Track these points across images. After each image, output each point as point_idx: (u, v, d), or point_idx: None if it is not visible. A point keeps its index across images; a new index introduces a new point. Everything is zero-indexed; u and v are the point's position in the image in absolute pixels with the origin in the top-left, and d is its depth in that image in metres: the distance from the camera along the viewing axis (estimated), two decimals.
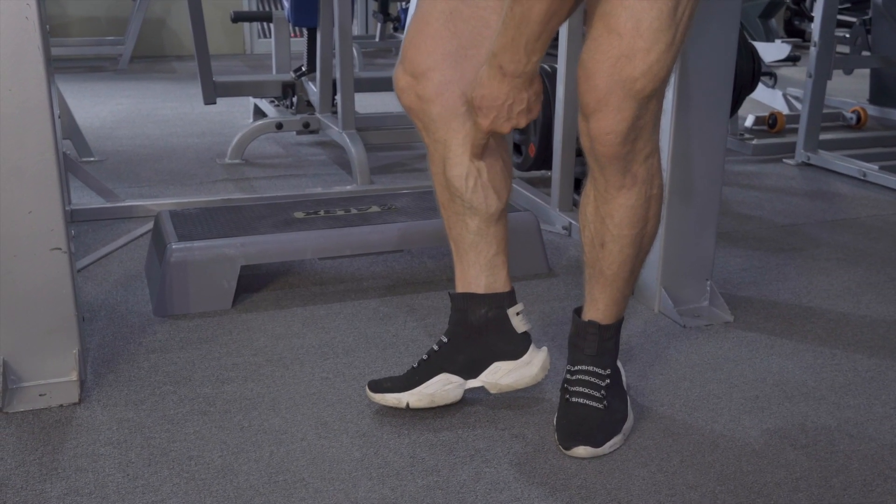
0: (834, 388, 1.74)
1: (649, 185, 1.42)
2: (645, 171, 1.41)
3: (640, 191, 1.42)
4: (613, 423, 1.52)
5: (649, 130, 1.38)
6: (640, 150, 1.38)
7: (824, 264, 2.45)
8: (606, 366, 1.55)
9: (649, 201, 1.44)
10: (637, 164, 1.39)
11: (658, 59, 1.29)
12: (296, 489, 1.40)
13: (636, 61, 1.29)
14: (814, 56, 3.50)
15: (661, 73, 1.31)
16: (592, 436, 1.49)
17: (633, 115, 1.32)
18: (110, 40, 6.32)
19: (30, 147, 1.55)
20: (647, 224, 1.47)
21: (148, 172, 3.36)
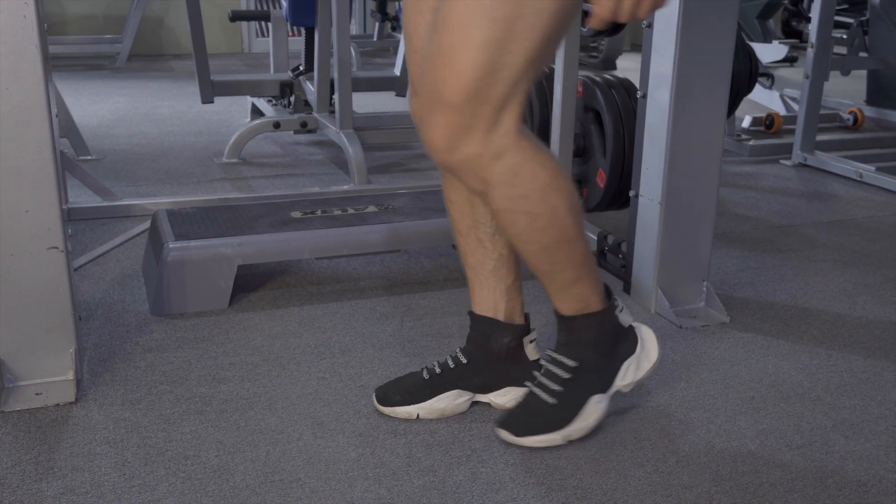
0: (829, 389, 1.74)
1: (513, 185, 1.31)
2: (499, 175, 1.30)
3: (504, 193, 1.32)
4: (549, 422, 1.51)
5: (482, 135, 1.27)
6: (479, 156, 1.28)
7: (821, 265, 2.46)
8: (576, 357, 1.51)
9: (525, 199, 1.33)
10: (483, 170, 1.30)
11: (466, 58, 1.21)
12: (292, 489, 1.40)
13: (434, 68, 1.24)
14: (811, 57, 3.50)
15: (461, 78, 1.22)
16: (519, 423, 1.52)
17: (450, 124, 1.26)
18: (108, 39, 6.31)
19: (27, 146, 1.55)
20: (537, 221, 1.36)
21: (145, 171, 3.36)
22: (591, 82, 2.62)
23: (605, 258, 2.38)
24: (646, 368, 1.57)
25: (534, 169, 1.32)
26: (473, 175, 1.31)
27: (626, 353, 1.56)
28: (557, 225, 1.37)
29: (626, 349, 1.56)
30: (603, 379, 1.55)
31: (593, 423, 1.53)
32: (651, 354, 1.57)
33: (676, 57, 1.94)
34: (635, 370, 1.56)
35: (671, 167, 2.01)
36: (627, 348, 1.56)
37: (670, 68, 1.96)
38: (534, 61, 1.25)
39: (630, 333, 1.57)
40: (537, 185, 1.33)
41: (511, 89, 1.25)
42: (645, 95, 2.06)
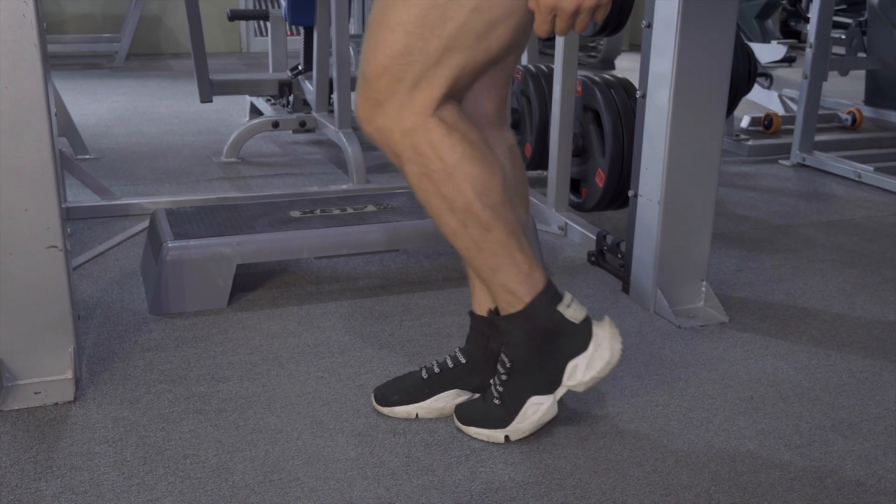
0: (828, 389, 1.75)
1: (419, 163, 1.38)
2: (407, 151, 1.38)
3: (412, 169, 1.39)
4: (491, 420, 1.53)
5: (392, 111, 1.36)
6: (390, 130, 1.38)
7: (819, 265, 2.46)
8: (510, 357, 1.51)
9: (429, 178, 1.38)
10: (394, 144, 1.39)
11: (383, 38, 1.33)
12: (291, 488, 1.40)
13: (364, 42, 1.37)
14: (809, 57, 3.50)
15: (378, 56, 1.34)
16: (469, 413, 1.56)
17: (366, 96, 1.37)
18: (107, 38, 6.31)
19: (26, 144, 1.55)
20: (445, 202, 1.39)
21: (144, 170, 3.35)
22: (591, 82, 2.62)
23: (604, 258, 2.38)
24: (598, 367, 1.48)
25: (440, 150, 1.36)
26: (387, 147, 1.41)
27: (574, 352, 1.49)
28: (464, 209, 1.39)
29: (573, 347, 1.49)
30: (543, 379, 1.50)
31: (532, 425, 1.52)
32: (605, 353, 1.48)
33: (676, 57, 1.94)
34: (584, 369, 1.49)
35: (670, 167, 2.01)
36: (576, 346, 1.48)
37: (670, 68, 1.96)
38: (453, 51, 1.32)
39: (581, 329, 1.48)
40: (441, 166, 1.37)
41: (424, 72, 1.33)
42: (644, 95, 2.06)
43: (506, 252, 1.43)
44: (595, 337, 1.49)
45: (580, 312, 1.49)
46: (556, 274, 2.34)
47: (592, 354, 1.49)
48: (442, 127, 1.36)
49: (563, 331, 1.48)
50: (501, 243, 1.42)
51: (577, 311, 1.49)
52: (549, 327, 1.47)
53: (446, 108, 1.37)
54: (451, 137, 1.36)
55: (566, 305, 1.48)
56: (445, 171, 1.37)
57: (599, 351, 1.49)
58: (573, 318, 1.48)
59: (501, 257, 1.43)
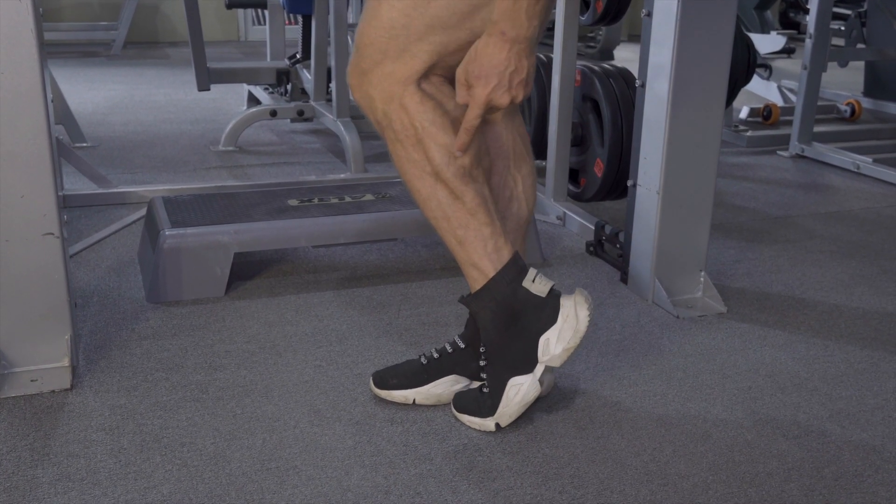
0: (826, 380, 1.75)
1: (392, 129, 1.44)
2: (384, 118, 1.44)
3: (389, 135, 1.46)
4: (481, 406, 1.53)
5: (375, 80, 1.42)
6: (372, 98, 1.44)
7: (818, 256, 2.46)
8: (484, 342, 1.51)
9: (401, 144, 1.44)
10: (375, 111, 1.45)
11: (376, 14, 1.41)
12: (288, 476, 1.39)
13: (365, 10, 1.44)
14: (809, 48, 3.50)
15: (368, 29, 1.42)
16: (462, 399, 1.57)
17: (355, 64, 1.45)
18: (103, 25, 6.28)
19: (23, 131, 1.54)
20: (415, 166, 1.44)
21: (141, 159, 3.34)
22: (590, 71, 2.61)
23: (603, 248, 2.37)
24: (567, 338, 1.46)
25: (412, 117, 1.42)
26: (370, 114, 1.47)
27: (544, 326, 1.47)
28: (432, 175, 1.43)
29: (542, 322, 1.47)
30: (518, 359, 1.49)
31: (516, 407, 1.50)
32: (572, 322, 1.46)
33: (675, 47, 1.93)
34: (556, 342, 1.47)
35: (669, 157, 2.00)
36: (545, 320, 1.47)
37: (669, 58, 1.95)
38: (436, 29, 1.38)
39: (549, 303, 1.47)
40: (412, 132, 1.42)
41: (406, 46, 1.39)
42: (644, 85, 2.05)
43: (474, 223, 1.45)
44: (562, 308, 1.47)
45: (545, 285, 1.48)
46: (554, 264, 2.34)
47: (561, 326, 1.47)
48: (417, 95, 1.41)
49: (529, 306, 1.47)
50: (470, 212, 1.44)
51: (542, 284, 1.48)
52: (514, 304, 1.47)
53: (428, 80, 1.42)
54: (424, 104, 1.41)
55: (531, 280, 1.47)
56: (416, 136, 1.42)
57: (567, 321, 1.47)
58: (538, 293, 1.47)
59: (468, 228, 1.45)
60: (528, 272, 1.48)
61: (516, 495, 1.36)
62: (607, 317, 2.01)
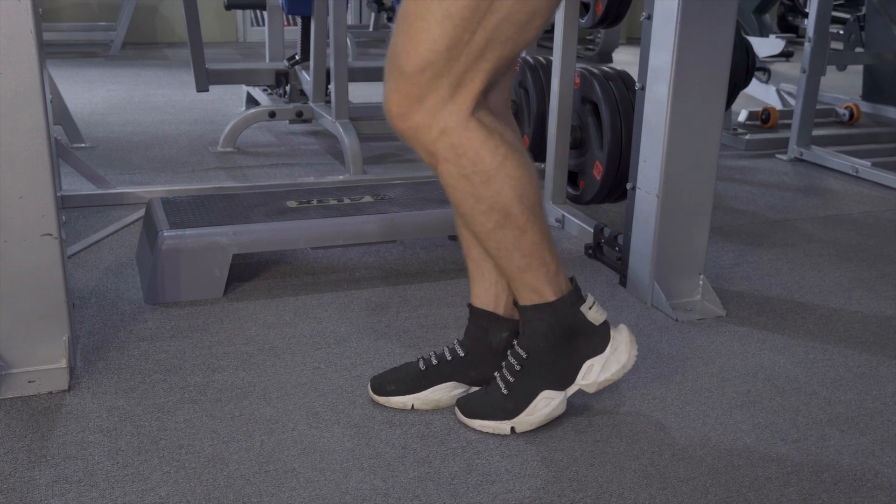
0: (825, 384, 1.74)
1: (458, 164, 1.35)
2: (444, 151, 1.35)
3: (449, 169, 1.36)
4: (496, 410, 1.52)
5: (432, 108, 1.32)
6: (428, 128, 1.33)
7: (816, 260, 2.46)
8: (527, 349, 1.51)
9: (468, 179, 1.36)
10: (431, 143, 1.35)
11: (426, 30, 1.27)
12: (286, 479, 1.39)
13: (397, 34, 1.31)
14: (808, 52, 3.50)
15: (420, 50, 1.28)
16: (473, 406, 1.54)
17: (403, 91, 1.32)
18: (102, 26, 6.28)
19: (21, 132, 1.53)
20: (482, 203, 1.38)
21: (139, 159, 3.34)
22: (589, 74, 2.61)
23: (602, 251, 2.37)
24: (612, 370, 1.52)
25: (479, 152, 1.34)
26: (422, 146, 1.36)
27: (592, 352, 1.52)
28: (501, 211, 1.39)
29: (591, 347, 1.52)
30: (558, 375, 1.52)
31: (541, 418, 1.52)
32: (622, 357, 1.52)
33: (675, 50, 1.93)
34: (599, 370, 1.52)
35: (669, 160, 2.00)
36: (593, 347, 1.52)
37: (669, 61, 1.95)
38: (495, 43, 1.29)
39: (600, 331, 1.52)
40: (481, 168, 1.35)
41: (467, 67, 1.29)
42: (643, 88, 2.05)
43: (537, 252, 1.44)
44: (613, 340, 1.53)
45: (601, 315, 1.52)
46: None
47: (609, 357, 1.52)
48: (482, 129, 1.34)
49: (582, 330, 1.51)
50: (535, 244, 1.43)
51: (599, 313, 1.52)
52: (571, 325, 1.50)
53: (482, 107, 1.35)
54: (492, 139, 1.35)
55: (588, 307, 1.51)
56: (487, 174, 1.36)
57: (616, 354, 1.52)
58: (594, 320, 1.51)
59: (532, 257, 1.44)
60: (588, 298, 1.52)
61: (515, 498, 1.36)
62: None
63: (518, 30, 1.30)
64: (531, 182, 1.40)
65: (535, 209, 1.41)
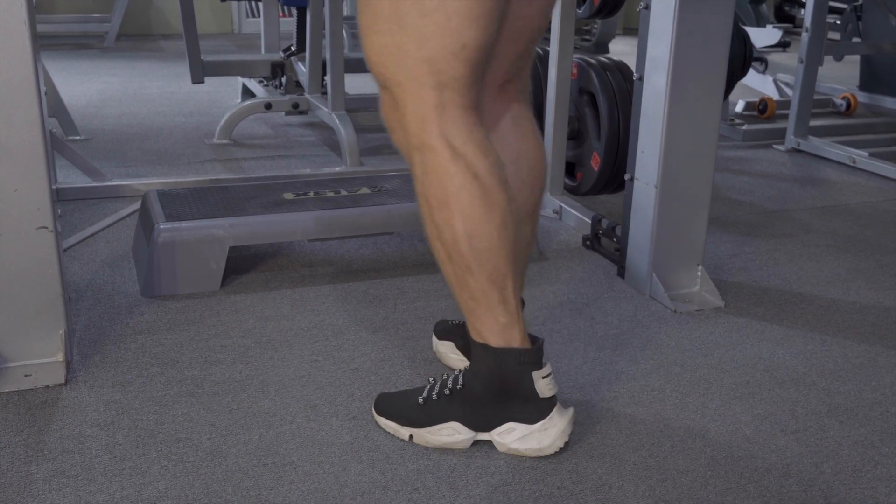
0: (824, 374, 1.74)
1: (419, 182, 1.32)
2: (414, 166, 1.32)
3: (416, 187, 1.33)
4: (403, 414, 1.47)
5: (404, 123, 1.29)
6: (404, 142, 1.31)
7: (814, 250, 2.45)
8: (465, 382, 1.43)
9: (427, 202, 1.32)
10: (406, 154, 1.32)
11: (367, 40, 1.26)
12: (285, 472, 1.38)
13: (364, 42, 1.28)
14: (805, 42, 3.49)
15: (373, 56, 1.27)
16: (386, 401, 1.51)
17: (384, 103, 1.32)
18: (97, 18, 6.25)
19: (16, 124, 1.52)
20: (435, 229, 1.33)
21: (135, 152, 3.32)
22: (587, 65, 2.60)
23: (600, 242, 2.37)
24: (529, 445, 1.41)
25: (441, 177, 1.28)
26: (404, 153, 1.33)
27: (521, 418, 1.40)
28: (448, 244, 1.32)
29: (523, 413, 1.40)
30: (477, 417, 1.43)
31: (438, 443, 1.44)
32: (545, 440, 1.41)
33: (674, 40, 1.92)
34: (517, 438, 1.41)
35: (667, 151, 2.00)
36: (526, 414, 1.40)
37: (667, 52, 1.94)
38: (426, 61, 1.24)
39: (540, 404, 1.40)
40: (438, 193, 1.30)
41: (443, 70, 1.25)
42: (641, 78, 2.04)
43: (484, 300, 1.35)
44: (549, 419, 1.41)
45: (550, 390, 1.41)
46: (551, 258, 2.33)
47: (534, 432, 1.41)
48: (448, 150, 1.27)
49: (523, 394, 1.40)
50: (483, 290, 1.35)
51: (549, 388, 1.40)
52: (514, 383, 1.40)
53: (462, 121, 1.28)
54: (455, 164, 1.27)
55: (542, 376, 1.40)
56: (440, 200, 1.30)
57: (542, 434, 1.41)
58: (540, 391, 1.40)
59: (479, 302, 1.36)
60: (545, 368, 1.40)
61: (514, 491, 1.35)
62: (604, 311, 2.01)
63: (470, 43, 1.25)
64: (487, 224, 1.29)
65: (485, 254, 1.31)
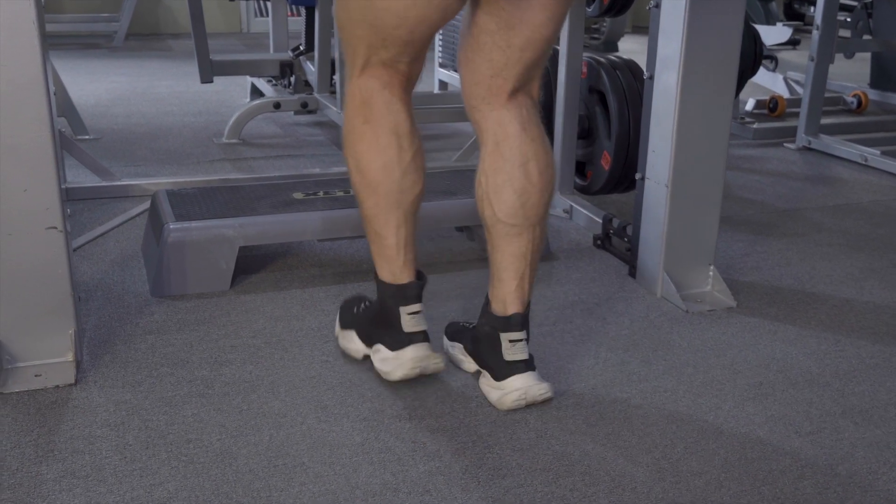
0: (838, 375, 1.73)
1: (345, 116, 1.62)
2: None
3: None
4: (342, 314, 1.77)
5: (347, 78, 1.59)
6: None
7: (827, 249, 2.44)
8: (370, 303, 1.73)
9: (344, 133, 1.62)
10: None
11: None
12: (295, 473, 1.38)
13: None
14: (816, 39, 3.47)
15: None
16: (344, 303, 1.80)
17: None
18: (105, 17, 6.25)
19: (24, 124, 1.52)
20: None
21: (144, 151, 3.32)
22: (596, 63, 2.59)
23: (611, 241, 2.35)
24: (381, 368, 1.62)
25: (346, 118, 1.57)
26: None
27: (386, 342, 1.61)
28: (351, 175, 1.59)
29: (389, 339, 1.61)
30: (366, 333, 1.69)
31: (342, 344, 1.75)
32: (392, 367, 1.60)
33: (684, 38, 1.91)
34: (379, 359, 1.63)
35: (678, 149, 1.98)
36: (390, 341, 1.61)
37: (678, 50, 1.92)
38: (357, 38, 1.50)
39: (401, 337, 1.60)
40: (348, 128, 1.57)
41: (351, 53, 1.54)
42: (652, 77, 2.03)
43: (369, 230, 1.61)
44: (402, 351, 1.59)
45: (411, 326, 1.59)
46: (561, 258, 2.32)
47: (388, 358, 1.61)
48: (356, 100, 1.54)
49: (393, 323, 1.60)
50: (366, 221, 1.60)
51: (410, 324, 1.59)
52: (387, 313, 1.60)
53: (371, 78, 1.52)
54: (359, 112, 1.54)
55: (407, 312, 1.59)
56: (344, 137, 1.58)
57: (394, 361, 1.60)
58: (403, 325, 1.59)
59: (367, 232, 1.62)
60: (412, 306, 1.59)
61: (527, 493, 1.34)
62: (616, 311, 1.99)
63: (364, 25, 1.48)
64: (376, 157, 1.53)
65: (369, 190, 1.56)
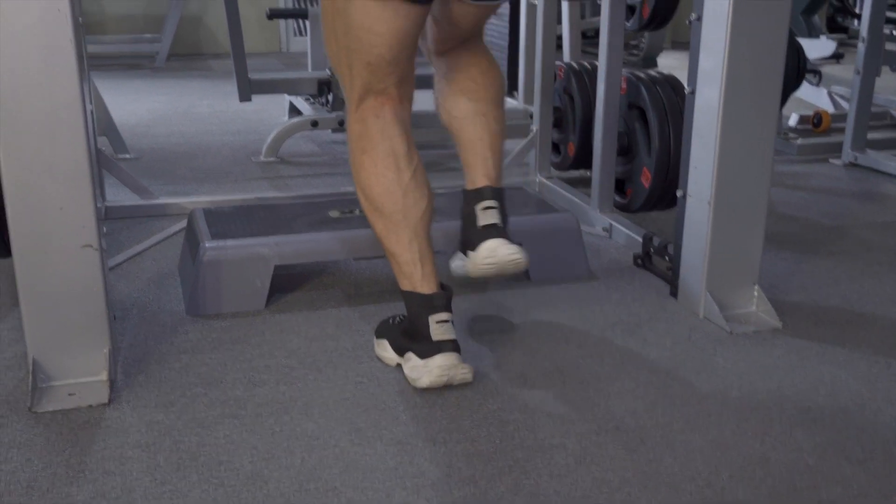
0: (891, 400, 1.66)
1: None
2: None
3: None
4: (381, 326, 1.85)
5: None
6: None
7: (876, 268, 2.36)
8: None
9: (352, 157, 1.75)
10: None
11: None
12: (328, 498, 1.35)
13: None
14: (862, 52, 3.39)
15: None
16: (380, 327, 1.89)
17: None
18: (147, 38, 6.34)
19: (61, 142, 1.52)
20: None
21: (183, 170, 3.34)
22: (636, 79, 2.55)
23: (651, 260, 2.30)
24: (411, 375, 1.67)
25: (350, 151, 1.72)
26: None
27: (417, 351, 1.66)
28: (360, 201, 1.72)
29: (419, 348, 1.66)
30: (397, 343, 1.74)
31: (378, 353, 1.80)
32: (421, 374, 1.65)
33: (727, 52, 1.87)
34: (409, 367, 1.68)
35: (721, 166, 1.93)
36: (420, 349, 1.66)
37: (720, 64, 1.88)
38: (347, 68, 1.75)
39: (431, 346, 1.65)
40: (351, 160, 1.72)
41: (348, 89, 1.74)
42: (693, 92, 1.99)
43: (385, 246, 1.70)
44: (431, 360, 1.64)
45: (440, 335, 1.65)
46: (601, 277, 2.27)
47: (418, 366, 1.66)
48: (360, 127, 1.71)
49: (422, 332, 1.66)
50: (380, 238, 1.71)
51: (438, 332, 1.65)
52: (416, 322, 1.67)
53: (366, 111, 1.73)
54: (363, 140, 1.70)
55: (435, 321, 1.65)
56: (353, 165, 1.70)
57: (423, 370, 1.65)
58: (432, 334, 1.65)
59: (385, 248, 1.71)
60: (440, 314, 1.66)
61: None
62: (657, 332, 1.94)
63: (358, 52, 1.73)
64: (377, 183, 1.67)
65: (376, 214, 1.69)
